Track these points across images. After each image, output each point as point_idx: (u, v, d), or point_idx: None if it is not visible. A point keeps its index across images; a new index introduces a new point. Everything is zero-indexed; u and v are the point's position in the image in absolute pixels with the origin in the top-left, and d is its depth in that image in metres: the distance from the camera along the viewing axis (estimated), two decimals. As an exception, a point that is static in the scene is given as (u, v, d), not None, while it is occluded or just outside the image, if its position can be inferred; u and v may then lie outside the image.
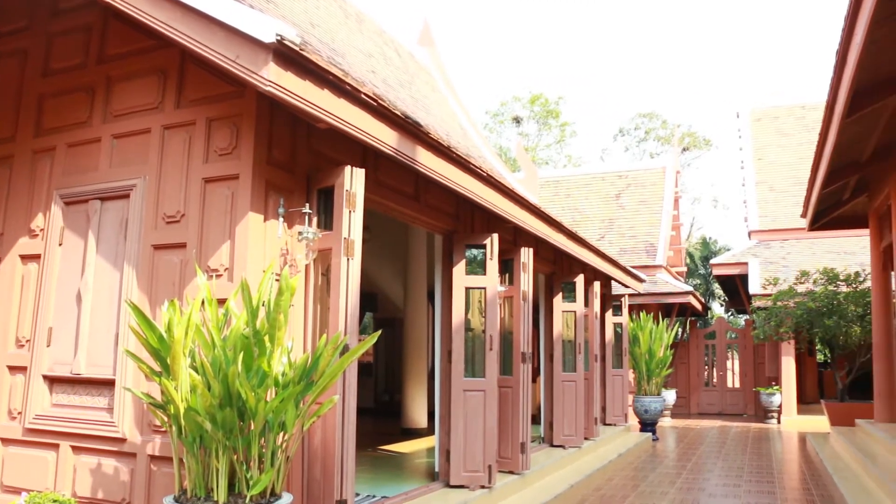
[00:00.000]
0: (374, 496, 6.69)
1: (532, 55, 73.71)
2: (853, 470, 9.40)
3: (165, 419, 4.12)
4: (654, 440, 14.08)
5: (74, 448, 5.12)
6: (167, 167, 5.04)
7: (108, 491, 4.93)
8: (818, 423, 16.17)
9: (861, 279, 14.13)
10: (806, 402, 19.70)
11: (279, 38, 3.99)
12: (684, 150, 42.96)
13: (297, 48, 4.11)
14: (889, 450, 8.84)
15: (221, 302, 4.44)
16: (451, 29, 71.31)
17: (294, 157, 5.10)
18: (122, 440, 4.89)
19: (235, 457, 3.94)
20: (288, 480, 4.62)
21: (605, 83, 70.19)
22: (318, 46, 5.85)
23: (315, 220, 5.11)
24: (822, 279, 14.54)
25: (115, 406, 4.96)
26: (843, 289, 14.27)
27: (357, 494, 6.69)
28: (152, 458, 4.76)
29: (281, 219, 4.90)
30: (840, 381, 14.25)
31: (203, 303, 4.16)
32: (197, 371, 3.97)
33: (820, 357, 21.02)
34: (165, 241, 4.96)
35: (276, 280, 4.65)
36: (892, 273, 10.44)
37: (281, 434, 4.05)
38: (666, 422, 18.04)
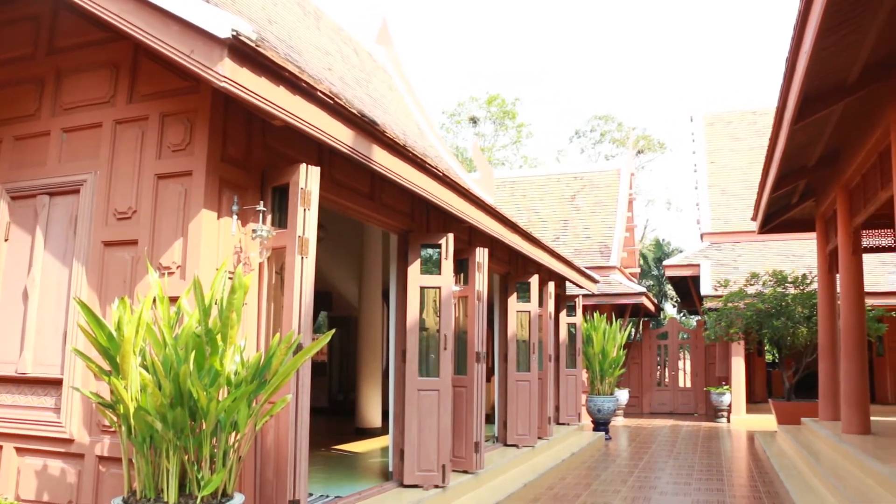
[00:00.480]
0: (327, 496, 6.66)
1: (489, 56, 74.00)
2: (798, 467, 9.62)
3: (115, 419, 4.05)
4: (606, 439, 14.22)
5: (18, 450, 5.00)
6: (119, 162, 4.95)
7: (54, 493, 4.82)
8: (766, 421, 16.49)
9: (808, 281, 14.46)
10: (755, 401, 20.07)
11: (235, 33, 3.94)
12: (639, 152, 43.50)
13: (252, 44, 4.07)
14: (832, 447, 9.06)
15: (173, 300, 4.38)
16: (409, 28, 71.28)
17: (249, 154, 5.05)
18: (70, 441, 4.79)
19: (186, 457, 3.89)
20: (240, 481, 4.57)
21: (562, 85, 70.78)
22: (274, 43, 5.80)
23: (269, 218, 5.07)
24: (771, 281, 14.83)
25: (63, 406, 4.85)
26: (791, 291, 14.58)
27: (310, 494, 6.64)
28: (101, 458, 4.67)
29: (235, 216, 4.85)
30: (787, 381, 14.55)
31: (154, 301, 4.10)
32: (147, 370, 3.90)
33: (769, 357, 21.43)
34: (116, 237, 4.87)
35: (230, 278, 4.60)
36: (837, 275, 10.69)
37: (233, 434, 4.01)
38: (619, 421, 18.25)
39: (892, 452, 7.43)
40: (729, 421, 17.97)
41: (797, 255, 18.96)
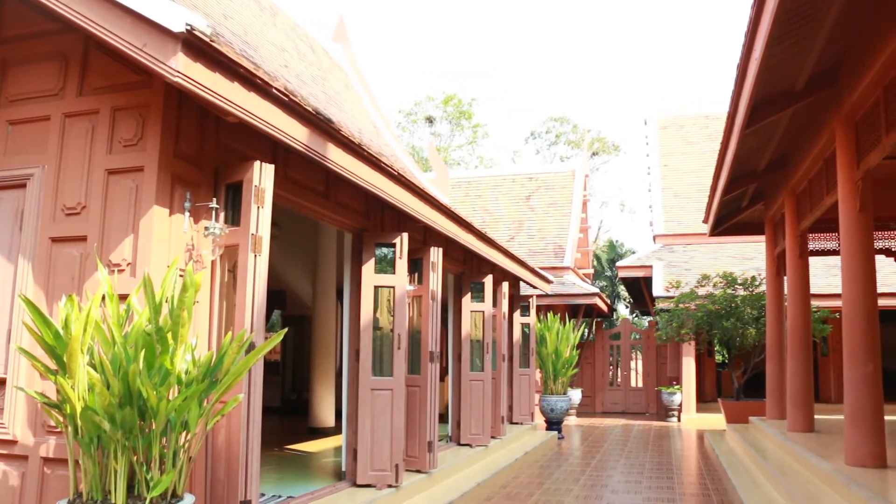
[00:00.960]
0: (279, 496, 6.61)
1: (447, 57, 74.09)
2: (746, 465, 9.80)
3: (61, 419, 3.96)
4: (559, 438, 14.33)
5: (-41, 451, 4.87)
6: (68, 157, 4.85)
7: (-4, 495, 4.71)
8: (716, 420, 16.76)
9: (757, 283, 14.75)
10: (705, 400, 20.40)
11: (189, 27, 3.89)
12: (594, 154, 43.93)
13: (207, 39, 4.02)
14: (778, 445, 9.25)
15: (123, 298, 4.30)
16: (366, 26, 71.01)
17: (202, 150, 4.99)
18: (13, 442, 4.68)
19: (135, 457, 3.82)
20: (190, 481, 4.51)
21: (518, 86, 71.13)
22: (229, 38, 5.73)
23: (222, 215, 5.01)
24: (721, 283, 15.09)
25: (6, 406, 4.73)
26: (741, 292, 14.86)
27: (262, 495, 6.59)
28: (46, 460, 4.57)
29: (187, 213, 4.78)
30: (736, 381, 14.83)
31: (104, 298, 4.03)
32: (96, 369, 3.83)
33: (718, 358, 21.79)
34: (64, 233, 4.77)
35: (181, 276, 4.54)
36: (785, 278, 10.91)
37: (183, 433, 3.96)
38: (571, 420, 18.40)
39: (833, 450, 7.62)
40: (679, 420, 18.23)
41: (747, 257, 19.32)
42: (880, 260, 9.56)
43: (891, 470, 6.46)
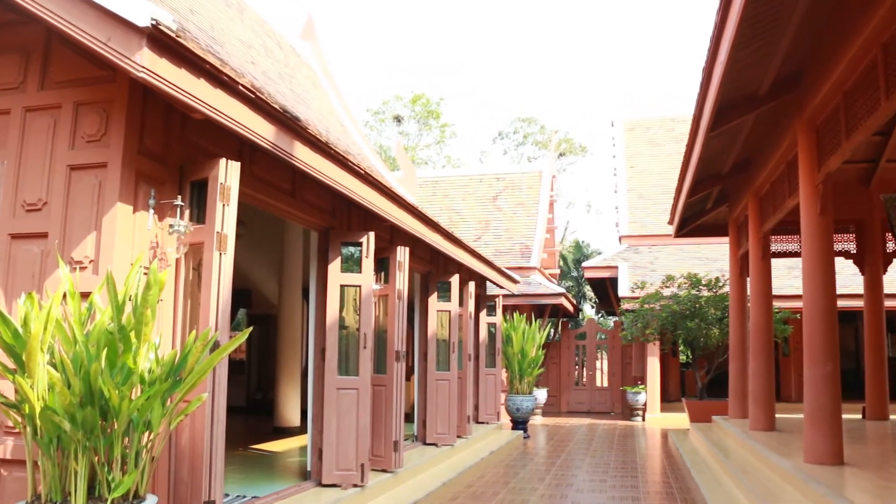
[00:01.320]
0: (244, 496, 6.56)
1: (416, 56, 74.01)
2: (709, 463, 9.93)
3: (19, 419, 3.88)
4: (525, 438, 14.39)
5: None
6: (28, 152, 4.76)
7: (-48, 497, 4.61)
8: (680, 420, 16.93)
9: (721, 284, 14.94)
10: (669, 400, 20.60)
11: (154, 22, 3.84)
12: (561, 155, 44.16)
13: (173, 34, 3.97)
14: (740, 444, 9.38)
15: (85, 296, 4.23)
16: (334, 25, 70.72)
17: (167, 147, 4.93)
18: (-30, 442, 4.59)
19: (96, 458, 3.77)
20: (153, 481, 4.46)
21: (487, 87, 71.29)
22: (196, 34, 5.67)
23: (187, 212, 4.96)
24: (685, 284, 15.26)
25: (-37, 405, 4.64)
26: (705, 293, 15.04)
27: (226, 495, 6.53)
28: (3, 461, 4.47)
29: (151, 210, 4.72)
30: (700, 381, 15.01)
31: (65, 296, 3.96)
32: (56, 368, 3.77)
33: (682, 357, 22.03)
34: (25, 230, 4.68)
35: (145, 274, 4.49)
36: (748, 279, 11.07)
37: (146, 433, 3.91)
38: (537, 420, 18.49)
39: (793, 448, 7.75)
40: (644, 419, 18.40)
41: (711, 258, 19.55)
42: (840, 262, 9.73)
43: (847, 467, 6.60)
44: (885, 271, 12.14)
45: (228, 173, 4.87)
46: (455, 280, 11.07)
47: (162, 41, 3.99)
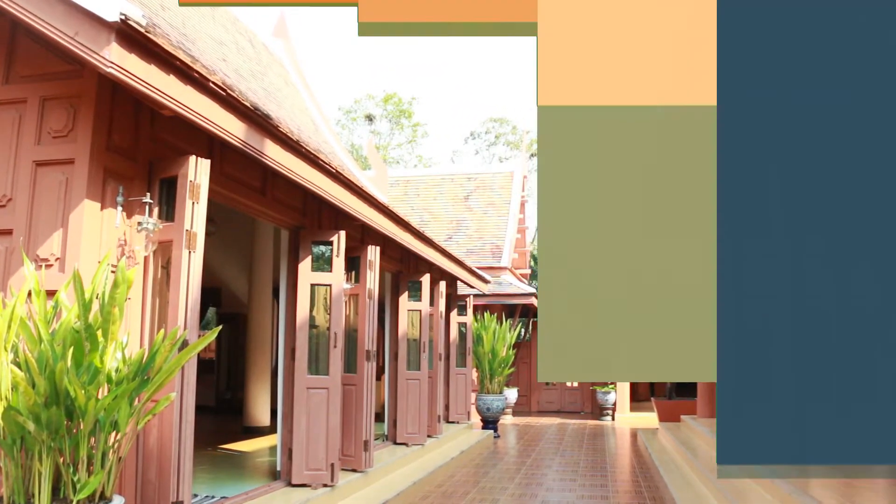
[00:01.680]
0: (213, 496, 6.51)
1: (388, 55, 73.92)
2: (677, 462, 10.02)
3: (-18, 419, 3.82)
4: (495, 437, 14.43)
5: None
6: (-7, 148, 4.68)
7: (-87, 497, 4.52)
8: (649, 419, 17.09)
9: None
10: (638, 399, 20.77)
11: (123, 17, 3.80)
12: (532, 155, 44.29)
13: (142, 30, 3.93)
14: (708, 443, 9.49)
15: (51, 294, 4.17)
16: (307, 23, 70.44)
17: (136, 143, 4.88)
18: (-69, 441, 4.50)
19: (62, 459, 3.71)
20: (120, 482, 4.41)
21: (459, 87, 71.38)
22: (166, 30, 5.60)
23: (156, 210, 4.91)
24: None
25: (-75, 404, 4.55)
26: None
27: (195, 495, 6.47)
28: (-34, 460, 4.41)
29: (120, 208, 4.67)
30: (669, 381, 15.14)
31: (30, 294, 3.90)
32: (20, 367, 3.71)
33: (652, 358, 22.19)
34: (-12, 227, 4.61)
35: (113, 272, 4.43)
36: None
37: (113, 434, 3.86)
38: (507, 419, 18.54)
39: (761, 448, 7.85)
40: (614, 419, 18.53)
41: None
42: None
43: (813, 467, 6.70)
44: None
45: (198, 171, 4.83)
46: (426, 280, 11.08)
47: (131, 36, 3.94)
